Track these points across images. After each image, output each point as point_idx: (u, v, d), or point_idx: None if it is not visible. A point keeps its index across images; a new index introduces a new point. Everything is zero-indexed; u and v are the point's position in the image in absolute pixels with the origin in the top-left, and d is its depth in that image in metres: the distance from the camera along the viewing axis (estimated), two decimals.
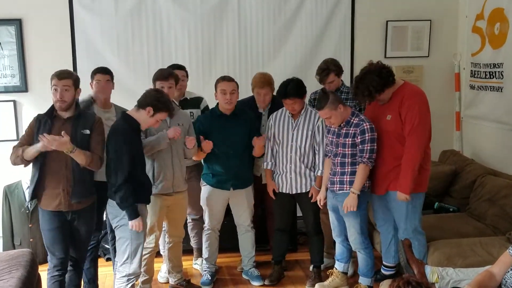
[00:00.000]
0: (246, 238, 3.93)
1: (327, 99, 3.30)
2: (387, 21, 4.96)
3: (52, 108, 3.08)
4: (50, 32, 4.53)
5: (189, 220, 4.08)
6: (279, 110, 3.75)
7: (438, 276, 2.93)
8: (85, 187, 3.10)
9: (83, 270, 3.49)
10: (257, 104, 3.99)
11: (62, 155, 2.99)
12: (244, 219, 3.88)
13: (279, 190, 3.76)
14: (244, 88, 4.60)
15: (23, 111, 4.57)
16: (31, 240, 4.29)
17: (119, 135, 3.02)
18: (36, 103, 4.52)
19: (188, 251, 4.18)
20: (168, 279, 3.85)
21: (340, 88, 3.99)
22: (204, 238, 3.90)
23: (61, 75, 3.04)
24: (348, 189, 3.40)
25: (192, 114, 3.97)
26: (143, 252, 3.36)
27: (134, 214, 3.05)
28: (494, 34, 4.46)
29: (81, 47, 4.59)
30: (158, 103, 3.07)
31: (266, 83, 3.88)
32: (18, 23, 4.46)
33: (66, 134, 2.92)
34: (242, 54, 4.83)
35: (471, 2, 4.81)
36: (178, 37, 4.73)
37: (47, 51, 4.54)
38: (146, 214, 3.23)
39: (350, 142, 3.36)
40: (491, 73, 4.52)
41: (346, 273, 3.74)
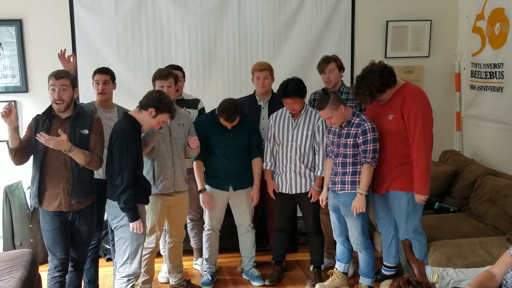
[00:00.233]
0: (247, 238, 3.93)
1: (328, 99, 3.30)
2: (387, 21, 4.96)
3: (50, 108, 3.07)
4: (50, 33, 4.53)
5: (188, 220, 4.08)
6: (279, 110, 3.75)
7: (438, 276, 2.93)
8: (85, 186, 3.10)
9: (84, 270, 3.49)
10: (256, 97, 3.99)
11: (61, 155, 2.98)
12: (244, 219, 3.88)
13: (279, 190, 3.76)
14: (244, 88, 4.63)
15: (24, 112, 4.56)
16: (32, 240, 4.29)
17: (122, 136, 3.02)
18: (37, 103, 4.51)
19: (188, 252, 4.18)
20: (169, 279, 3.85)
21: (340, 88, 4.00)
22: (204, 239, 3.90)
23: (58, 75, 3.02)
24: (349, 189, 3.40)
25: (189, 114, 3.97)
26: (144, 252, 3.37)
27: (135, 216, 3.05)
28: (494, 34, 4.46)
29: (81, 48, 4.59)
30: (160, 104, 3.07)
31: (265, 65, 3.91)
32: (18, 24, 4.46)
33: (63, 133, 2.91)
34: (242, 54, 4.83)
35: (471, 2, 4.80)
36: (178, 37, 4.73)
37: (47, 51, 4.52)
38: (145, 214, 3.24)
39: (351, 142, 3.36)
40: (491, 73, 4.52)
41: (346, 273, 3.74)
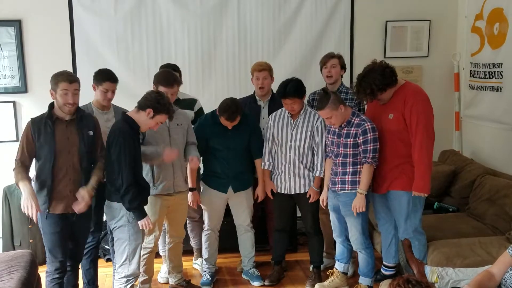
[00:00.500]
0: (246, 239, 3.93)
1: (328, 99, 3.29)
2: (387, 21, 4.97)
3: (51, 111, 3.06)
4: (49, 33, 4.53)
5: (188, 220, 4.08)
6: (278, 110, 3.75)
7: (437, 276, 2.93)
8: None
9: (83, 271, 3.50)
10: (256, 97, 3.99)
11: (70, 157, 3.03)
12: (244, 220, 3.88)
13: (278, 191, 3.76)
14: (244, 88, 4.63)
15: (23, 112, 4.57)
16: (31, 241, 4.29)
17: (120, 137, 3.01)
18: (36, 104, 4.52)
19: (188, 252, 4.18)
20: (168, 280, 3.85)
21: (339, 88, 4.00)
22: (204, 239, 3.90)
23: (70, 79, 3.04)
24: (349, 189, 3.40)
25: (186, 113, 3.97)
26: (143, 252, 3.37)
27: (142, 214, 3.07)
28: (493, 34, 4.47)
29: (80, 48, 4.59)
30: (158, 105, 3.07)
31: (264, 66, 3.91)
32: (17, 24, 4.46)
33: (83, 197, 3.02)
34: (242, 54, 4.83)
35: (470, 2, 4.81)
36: (177, 37, 4.73)
37: (46, 52, 4.54)
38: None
39: (351, 142, 3.36)
40: (490, 73, 4.52)
41: (346, 273, 3.74)
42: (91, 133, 3.13)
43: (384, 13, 4.97)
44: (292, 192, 3.72)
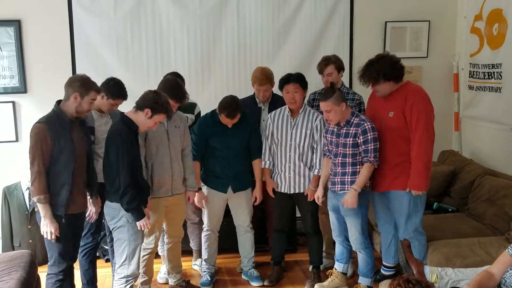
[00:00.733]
0: (246, 239, 3.93)
1: (333, 93, 3.32)
2: (386, 21, 4.97)
3: (62, 113, 2.98)
4: (49, 33, 4.53)
5: (188, 222, 4.08)
6: (277, 110, 3.75)
7: (437, 276, 2.93)
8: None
9: (82, 271, 3.50)
10: (256, 99, 4.00)
11: (83, 159, 3.07)
12: (243, 220, 3.88)
13: (278, 190, 3.75)
14: (244, 88, 4.62)
15: (22, 112, 4.56)
16: (30, 241, 4.28)
17: (118, 138, 3.01)
18: (35, 104, 4.52)
19: (188, 252, 4.18)
20: (168, 280, 3.84)
21: (341, 88, 3.99)
22: (203, 239, 3.90)
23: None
24: (349, 189, 3.40)
25: (187, 118, 3.96)
26: (143, 253, 3.37)
27: (140, 215, 3.07)
28: (492, 34, 4.47)
29: (80, 48, 4.59)
30: (156, 105, 3.06)
31: (266, 80, 3.88)
32: (17, 24, 4.46)
33: (94, 204, 3.27)
34: (241, 54, 4.83)
35: (469, 2, 4.81)
36: (177, 37, 4.73)
37: (46, 52, 4.54)
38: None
39: (350, 142, 3.36)
40: (489, 73, 4.52)
41: (345, 273, 3.74)
42: (92, 137, 3.22)
43: (383, 13, 4.97)
44: (292, 191, 3.72)
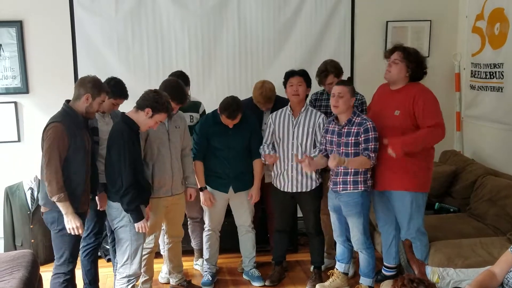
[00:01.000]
0: (247, 239, 3.93)
1: (351, 84, 3.44)
2: (387, 21, 4.97)
3: (75, 112, 2.98)
4: (50, 34, 4.54)
5: (189, 221, 4.09)
6: (279, 111, 3.75)
7: (438, 276, 2.93)
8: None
9: (84, 271, 3.50)
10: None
11: (89, 158, 3.06)
12: (245, 220, 3.88)
13: (280, 189, 3.75)
14: (244, 89, 4.63)
15: (24, 113, 4.57)
16: (32, 241, 4.30)
17: (120, 138, 3.02)
18: (37, 104, 4.53)
19: (189, 252, 4.19)
20: (169, 280, 3.85)
21: None
22: (204, 239, 3.90)
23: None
24: (351, 189, 3.40)
25: (192, 117, 3.97)
26: (143, 252, 3.37)
27: (139, 216, 3.07)
28: (494, 34, 4.46)
29: (81, 48, 4.59)
30: (157, 104, 3.07)
31: (266, 100, 3.87)
32: (19, 25, 4.46)
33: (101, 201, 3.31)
34: (242, 55, 4.83)
35: (471, 2, 4.81)
36: (178, 37, 4.73)
37: (48, 52, 4.54)
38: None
39: (352, 141, 3.36)
40: (491, 73, 4.52)
41: (346, 273, 3.74)
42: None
43: (384, 13, 4.97)
44: (294, 190, 3.71)
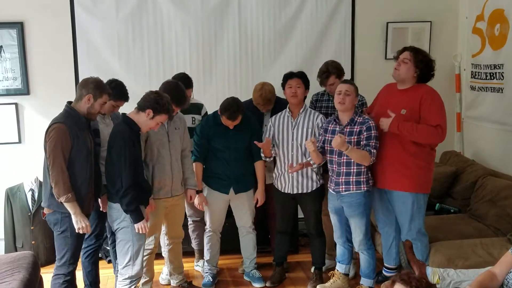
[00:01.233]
0: (248, 240, 3.94)
1: (355, 86, 3.46)
2: (388, 22, 4.97)
3: (77, 113, 2.99)
4: (51, 35, 4.54)
5: (190, 222, 4.09)
6: (278, 113, 3.76)
7: (439, 277, 2.93)
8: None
9: (85, 273, 3.51)
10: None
11: (92, 160, 3.06)
12: (246, 221, 3.88)
13: (281, 191, 3.75)
14: (245, 90, 4.62)
15: (25, 114, 4.58)
16: (33, 242, 4.30)
17: (120, 139, 3.03)
18: (38, 105, 4.54)
19: (190, 253, 4.19)
20: (170, 281, 3.85)
21: None
22: (205, 240, 3.90)
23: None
24: (354, 189, 3.40)
25: (194, 119, 3.98)
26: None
27: (139, 217, 3.08)
28: (494, 35, 4.47)
29: (82, 50, 4.60)
30: (158, 105, 3.07)
31: (266, 102, 3.87)
32: (19, 26, 4.47)
33: (103, 204, 3.31)
34: (243, 56, 4.84)
35: (471, 3, 4.81)
36: (178, 39, 4.74)
37: (48, 53, 4.55)
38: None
39: (355, 140, 3.36)
40: (491, 74, 4.52)
41: (347, 274, 3.74)
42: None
43: (384, 14, 4.97)
44: (295, 192, 3.71)
